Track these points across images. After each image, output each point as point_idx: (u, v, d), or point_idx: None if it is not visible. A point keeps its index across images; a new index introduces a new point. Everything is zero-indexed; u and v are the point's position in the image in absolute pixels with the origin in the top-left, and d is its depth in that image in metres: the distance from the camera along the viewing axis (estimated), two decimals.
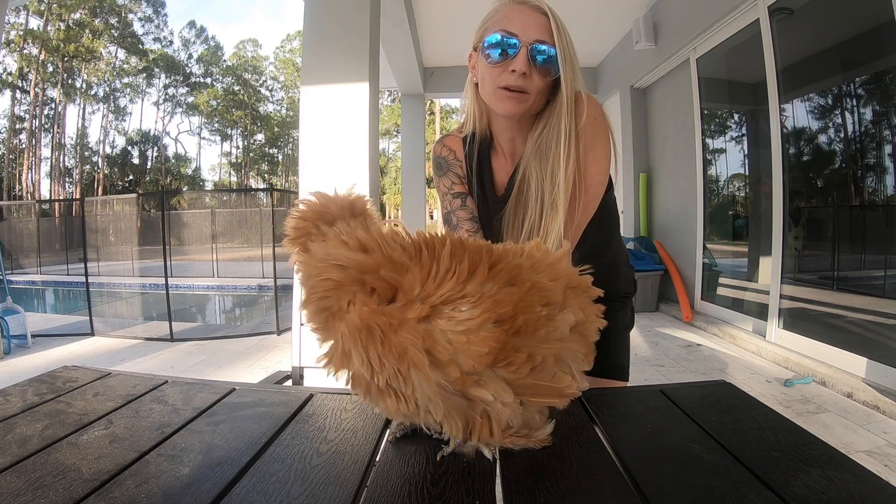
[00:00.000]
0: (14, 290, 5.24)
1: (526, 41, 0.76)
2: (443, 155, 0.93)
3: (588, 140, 0.81)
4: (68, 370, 0.80)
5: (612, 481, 0.46)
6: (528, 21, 0.77)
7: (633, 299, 1.04)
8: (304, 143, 2.58)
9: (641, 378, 2.63)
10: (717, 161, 4.24)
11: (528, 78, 0.77)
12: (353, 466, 0.48)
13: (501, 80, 0.78)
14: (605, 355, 0.97)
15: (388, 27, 4.06)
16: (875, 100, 2.78)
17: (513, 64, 0.77)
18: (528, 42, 0.76)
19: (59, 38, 24.12)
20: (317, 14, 2.58)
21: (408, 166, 6.99)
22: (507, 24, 0.78)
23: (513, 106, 0.79)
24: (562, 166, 0.78)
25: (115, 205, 12.12)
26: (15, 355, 3.37)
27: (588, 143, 0.81)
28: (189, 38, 30.75)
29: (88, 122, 29.43)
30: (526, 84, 0.77)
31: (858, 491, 0.43)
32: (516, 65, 0.76)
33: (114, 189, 27.21)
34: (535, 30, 0.77)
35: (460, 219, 0.90)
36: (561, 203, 0.78)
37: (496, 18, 0.80)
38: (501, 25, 0.78)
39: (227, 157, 33.21)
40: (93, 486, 0.44)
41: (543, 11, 0.78)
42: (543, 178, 0.80)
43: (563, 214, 0.78)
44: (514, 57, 0.77)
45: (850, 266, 3.01)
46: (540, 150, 0.81)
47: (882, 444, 1.82)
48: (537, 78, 0.78)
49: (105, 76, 27.11)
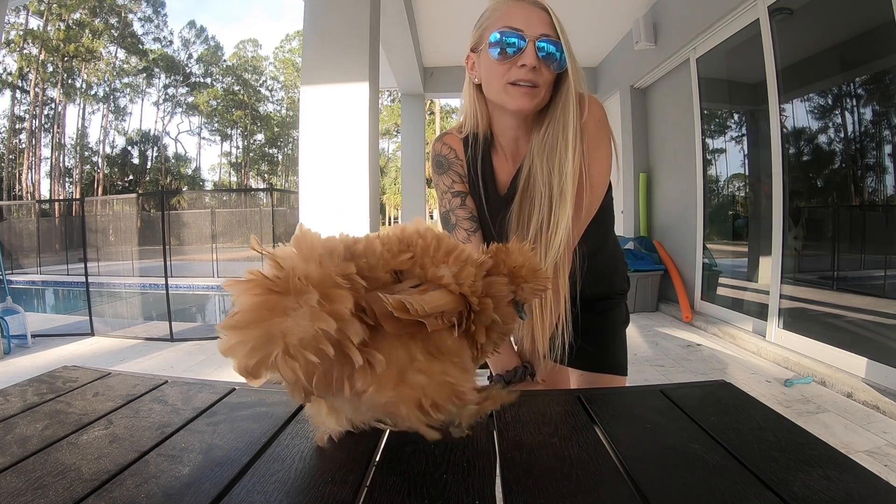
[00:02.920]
0: (14, 290, 5.25)
1: (532, 36, 0.77)
2: (443, 153, 0.93)
3: (592, 141, 0.82)
4: (68, 370, 0.80)
5: (612, 481, 0.46)
6: (531, 16, 0.78)
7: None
8: (304, 143, 2.58)
9: (641, 378, 2.63)
10: (717, 161, 4.24)
11: (538, 71, 0.78)
12: (353, 466, 0.48)
13: (511, 76, 0.78)
14: (605, 351, 0.99)
15: (388, 27, 4.06)
16: (875, 100, 2.78)
17: (521, 59, 0.77)
18: (535, 36, 0.77)
19: (59, 38, 24.13)
20: (317, 14, 2.58)
21: (408, 166, 6.99)
22: (509, 21, 0.78)
23: (526, 101, 0.79)
24: (569, 158, 0.79)
25: (115, 205, 12.15)
26: (15, 355, 3.37)
27: (592, 144, 0.82)
28: (189, 38, 30.80)
29: (88, 122, 29.50)
30: (536, 78, 0.78)
31: (858, 491, 0.43)
32: (525, 59, 0.76)
33: (114, 189, 27.22)
34: (538, 24, 0.77)
35: (459, 218, 0.90)
36: (569, 193, 0.78)
37: (495, 17, 0.80)
38: (504, 23, 0.78)
39: (227, 157, 33.24)
40: (93, 486, 0.44)
41: (543, 7, 0.79)
42: (552, 171, 0.80)
43: (571, 205, 0.78)
44: (522, 52, 0.77)
45: (850, 266, 3.01)
46: (547, 144, 0.81)
47: (882, 444, 1.82)
48: (546, 71, 0.78)
49: (105, 76, 27.13)
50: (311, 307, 0.39)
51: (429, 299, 0.44)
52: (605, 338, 0.99)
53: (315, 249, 0.42)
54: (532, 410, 0.63)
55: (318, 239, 0.44)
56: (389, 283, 0.46)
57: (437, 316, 0.44)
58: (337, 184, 2.53)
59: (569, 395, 0.69)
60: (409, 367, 0.44)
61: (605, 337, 0.99)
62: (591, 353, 0.95)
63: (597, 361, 0.98)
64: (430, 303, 0.44)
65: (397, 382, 0.43)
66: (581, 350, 0.90)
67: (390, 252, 0.47)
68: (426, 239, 0.50)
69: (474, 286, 0.47)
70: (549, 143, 0.81)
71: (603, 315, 0.98)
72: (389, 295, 0.42)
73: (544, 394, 0.74)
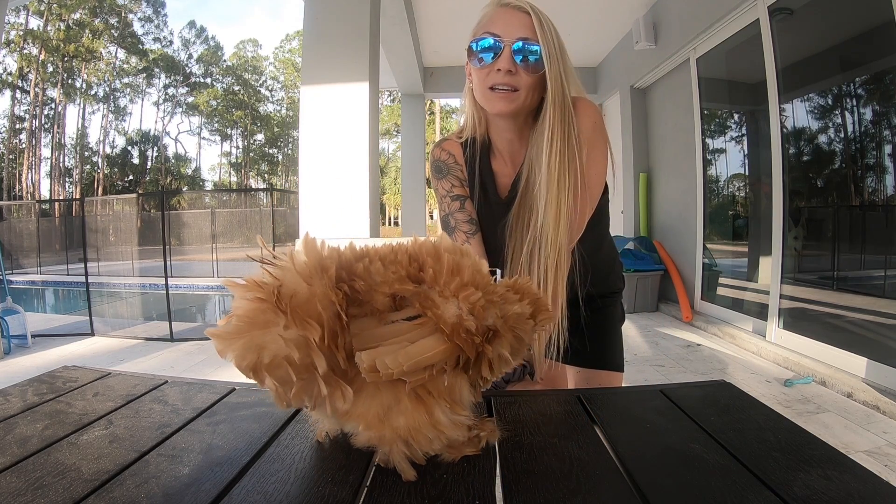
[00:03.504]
0: (14, 290, 5.25)
1: (508, 40, 0.79)
2: (442, 158, 0.95)
3: (589, 144, 0.84)
4: (68, 370, 0.80)
5: (612, 481, 0.46)
6: (511, 20, 0.80)
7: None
8: (304, 143, 2.58)
9: (641, 378, 2.63)
10: (717, 161, 4.24)
11: (515, 75, 0.80)
12: (353, 466, 0.48)
13: (489, 80, 0.81)
14: (602, 348, 1.00)
15: (388, 27, 4.06)
16: (875, 100, 2.78)
17: (497, 63, 0.79)
18: (511, 41, 0.79)
19: (59, 38, 24.13)
20: (317, 14, 2.59)
21: (408, 166, 7.00)
22: (490, 27, 0.80)
23: (503, 105, 0.81)
24: (565, 164, 0.80)
25: (115, 205, 12.14)
26: (15, 355, 3.37)
27: (588, 146, 0.83)
28: (189, 38, 30.79)
29: (88, 122, 29.49)
30: (513, 81, 0.80)
31: (858, 491, 0.43)
32: (500, 63, 0.79)
33: (114, 189, 27.21)
34: (517, 28, 0.79)
35: (458, 221, 0.92)
36: (564, 200, 0.80)
37: (483, 22, 0.83)
38: (486, 28, 0.81)
39: (227, 157, 33.24)
40: (93, 486, 0.44)
41: (525, 10, 0.80)
42: (549, 179, 0.81)
43: (568, 215, 0.80)
44: (499, 56, 0.79)
45: (850, 266, 3.01)
46: (542, 150, 0.82)
47: (882, 444, 1.82)
48: (524, 74, 0.80)
49: (105, 76, 27.12)
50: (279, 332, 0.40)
51: (414, 352, 0.41)
52: (602, 335, 1.01)
53: (310, 266, 0.42)
54: (532, 410, 0.63)
55: (316, 254, 0.43)
56: (386, 310, 0.44)
57: (421, 370, 0.42)
58: (337, 184, 2.53)
59: (569, 395, 0.69)
60: (393, 408, 0.43)
61: (603, 334, 1.01)
62: (588, 350, 0.97)
63: (594, 359, 1.00)
64: (414, 357, 0.41)
65: (380, 421, 0.43)
66: (579, 348, 0.93)
67: (396, 274, 0.44)
68: (441, 263, 0.46)
69: (479, 327, 0.43)
70: (545, 150, 0.82)
71: (600, 313, 1.00)
72: (367, 347, 0.41)
73: (544, 394, 0.74)
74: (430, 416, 0.44)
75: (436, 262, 0.46)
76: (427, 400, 0.44)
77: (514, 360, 0.48)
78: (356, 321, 0.43)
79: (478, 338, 0.43)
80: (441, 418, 0.44)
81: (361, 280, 0.43)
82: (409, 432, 0.43)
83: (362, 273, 0.44)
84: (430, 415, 0.44)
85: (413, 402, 0.44)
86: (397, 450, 0.45)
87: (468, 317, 0.43)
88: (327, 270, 0.42)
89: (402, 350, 0.41)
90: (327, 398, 0.42)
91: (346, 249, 0.46)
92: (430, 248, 0.47)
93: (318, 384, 0.42)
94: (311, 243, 0.44)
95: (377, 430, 0.44)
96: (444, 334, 0.42)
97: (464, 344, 0.43)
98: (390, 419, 0.43)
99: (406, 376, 0.41)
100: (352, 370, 0.42)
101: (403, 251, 0.47)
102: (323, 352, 0.40)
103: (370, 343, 0.42)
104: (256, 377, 0.41)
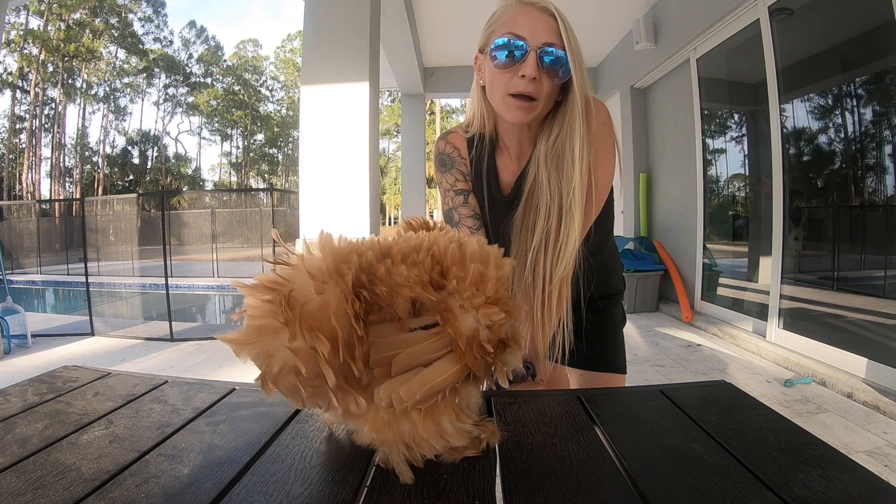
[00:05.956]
0: (14, 290, 5.25)
1: (535, 44, 0.74)
2: (447, 151, 0.93)
3: (598, 143, 0.82)
4: (68, 370, 0.80)
5: (612, 481, 0.46)
6: (537, 23, 0.75)
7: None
8: (304, 143, 2.58)
9: (641, 378, 2.63)
10: (717, 161, 4.24)
11: (538, 82, 0.76)
12: (353, 466, 0.48)
13: (511, 87, 0.77)
14: (604, 350, 1.00)
15: (388, 27, 4.05)
16: (875, 100, 2.78)
17: (522, 69, 0.75)
18: (537, 45, 0.74)
19: (59, 38, 24.12)
20: (317, 14, 2.59)
21: (408, 166, 6.99)
22: (514, 27, 0.76)
23: (522, 115, 0.78)
24: (577, 172, 0.78)
25: (115, 205, 12.15)
26: (15, 355, 3.37)
27: (597, 147, 0.82)
28: (189, 38, 30.78)
29: (88, 121, 29.51)
30: (535, 89, 0.76)
31: (858, 491, 0.43)
32: (525, 69, 0.74)
33: (114, 189, 27.21)
34: (543, 32, 0.75)
35: (462, 216, 0.90)
36: (577, 208, 0.78)
37: (503, 20, 0.78)
38: (509, 28, 0.76)
39: (227, 157, 33.23)
40: (93, 486, 0.44)
41: (551, 13, 0.76)
42: (559, 183, 0.79)
43: (579, 220, 0.78)
44: (523, 61, 0.75)
45: (850, 266, 3.01)
46: (556, 154, 0.80)
47: (882, 444, 1.82)
48: (546, 82, 0.76)
49: (105, 76, 27.11)
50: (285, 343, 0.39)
51: (427, 378, 0.40)
52: (603, 337, 1.00)
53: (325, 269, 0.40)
54: (532, 410, 0.63)
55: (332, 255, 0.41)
56: (406, 316, 0.42)
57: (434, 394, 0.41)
58: (337, 184, 2.53)
59: (569, 395, 0.69)
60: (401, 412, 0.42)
61: (604, 336, 1.00)
62: (590, 352, 0.96)
63: (596, 361, 0.99)
64: (427, 383, 0.40)
65: (386, 425, 0.43)
66: (580, 350, 0.91)
67: (418, 277, 0.42)
68: (465, 271, 0.43)
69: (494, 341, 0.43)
70: (558, 153, 0.80)
71: (601, 315, 0.99)
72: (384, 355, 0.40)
73: (544, 394, 0.74)
74: (437, 425, 0.43)
75: (460, 269, 0.43)
76: (434, 411, 0.44)
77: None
78: (375, 327, 0.41)
79: (491, 352, 0.42)
80: (448, 427, 0.44)
81: (384, 285, 0.41)
82: (414, 438, 0.43)
83: (384, 276, 0.41)
84: (437, 424, 0.43)
85: (421, 413, 0.43)
86: (397, 452, 0.45)
87: (485, 331, 0.42)
88: (344, 276, 0.40)
89: (416, 377, 0.40)
90: (339, 407, 0.42)
91: (368, 248, 0.43)
92: (455, 252, 0.44)
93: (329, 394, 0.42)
94: (327, 240, 0.42)
95: (382, 433, 0.44)
96: (458, 349, 0.42)
97: (476, 361, 0.42)
98: (396, 423, 0.43)
99: (420, 405, 0.40)
100: (366, 376, 0.41)
101: (426, 249, 0.44)
102: (334, 365, 0.38)
103: (387, 351, 0.41)
104: (264, 387, 0.41)
